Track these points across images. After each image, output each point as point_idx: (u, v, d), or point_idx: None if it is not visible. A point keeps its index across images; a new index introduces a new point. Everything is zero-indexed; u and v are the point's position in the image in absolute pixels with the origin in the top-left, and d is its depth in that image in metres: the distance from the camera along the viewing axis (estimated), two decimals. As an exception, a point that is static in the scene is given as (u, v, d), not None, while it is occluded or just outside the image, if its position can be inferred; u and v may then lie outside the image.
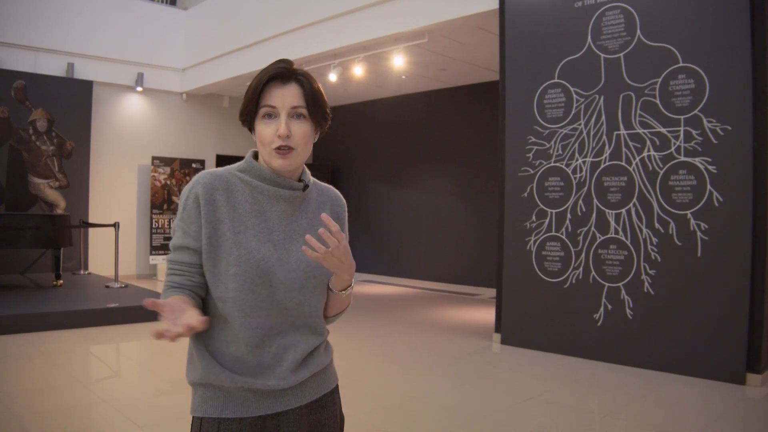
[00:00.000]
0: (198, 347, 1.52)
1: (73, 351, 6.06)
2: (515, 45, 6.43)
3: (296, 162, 1.54)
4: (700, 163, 5.19)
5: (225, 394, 1.50)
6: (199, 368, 1.51)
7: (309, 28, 8.93)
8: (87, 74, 10.74)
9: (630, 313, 5.56)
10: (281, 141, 1.49)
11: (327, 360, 1.65)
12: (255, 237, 1.51)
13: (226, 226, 1.50)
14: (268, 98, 1.50)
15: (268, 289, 1.49)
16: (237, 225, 1.50)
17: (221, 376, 1.48)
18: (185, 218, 1.51)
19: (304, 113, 1.52)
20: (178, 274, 1.51)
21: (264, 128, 1.51)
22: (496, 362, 6.02)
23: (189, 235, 1.51)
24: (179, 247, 1.52)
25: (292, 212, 1.58)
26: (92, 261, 10.85)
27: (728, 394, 4.80)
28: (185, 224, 1.51)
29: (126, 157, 11.43)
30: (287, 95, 1.50)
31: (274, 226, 1.55)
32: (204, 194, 1.50)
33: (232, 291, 1.48)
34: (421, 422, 4.24)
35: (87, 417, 4.26)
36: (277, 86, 1.50)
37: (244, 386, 1.49)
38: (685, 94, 5.26)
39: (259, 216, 1.53)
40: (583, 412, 4.46)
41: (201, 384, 1.52)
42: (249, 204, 1.53)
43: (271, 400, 1.52)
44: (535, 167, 6.24)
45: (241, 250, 1.48)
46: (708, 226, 5.15)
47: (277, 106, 1.50)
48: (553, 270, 6.11)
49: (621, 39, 5.63)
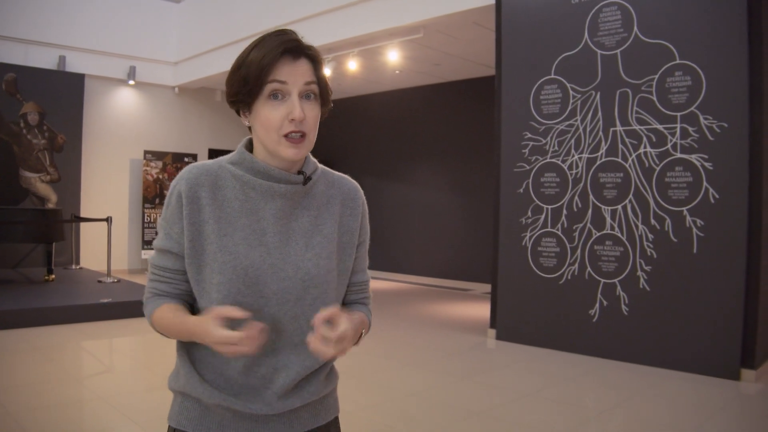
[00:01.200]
0: (180, 352, 1.39)
1: (66, 346, 6.03)
2: (511, 40, 6.42)
3: (307, 150, 1.34)
4: (696, 159, 5.20)
5: (202, 409, 1.36)
6: (181, 376, 1.38)
7: (303, 22, 8.89)
8: (79, 67, 10.67)
9: (625, 309, 5.57)
10: (294, 126, 1.28)
11: (327, 389, 1.46)
12: (244, 240, 1.31)
13: (210, 227, 1.31)
14: (278, 73, 1.27)
15: (258, 300, 1.31)
16: (224, 226, 1.31)
17: (199, 389, 1.34)
18: (168, 218, 1.34)
19: (315, 91, 1.32)
20: (162, 281, 1.36)
21: (270, 110, 1.28)
22: (491, 358, 6.03)
23: (171, 237, 1.33)
24: (161, 251, 1.35)
25: (291, 210, 1.36)
26: (84, 256, 10.80)
27: (723, 389, 4.83)
28: (168, 225, 1.34)
29: (118, 151, 11.37)
30: (299, 71, 1.29)
31: (268, 227, 1.34)
32: (187, 191, 1.31)
33: (215, 302, 1.30)
34: (417, 418, 4.24)
35: (81, 412, 4.23)
36: (288, 61, 1.28)
37: (223, 404, 1.33)
38: (681, 90, 5.27)
39: (250, 215, 1.33)
40: (578, 408, 4.47)
41: (180, 392, 1.39)
42: (239, 202, 1.33)
43: (252, 424, 1.35)
44: (531, 163, 6.24)
45: (226, 255, 1.29)
46: (704, 223, 5.17)
47: (289, 82, 1.28)
48: (549, 266, 6.11)
49: (618, 35, 5.64)
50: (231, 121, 12.68)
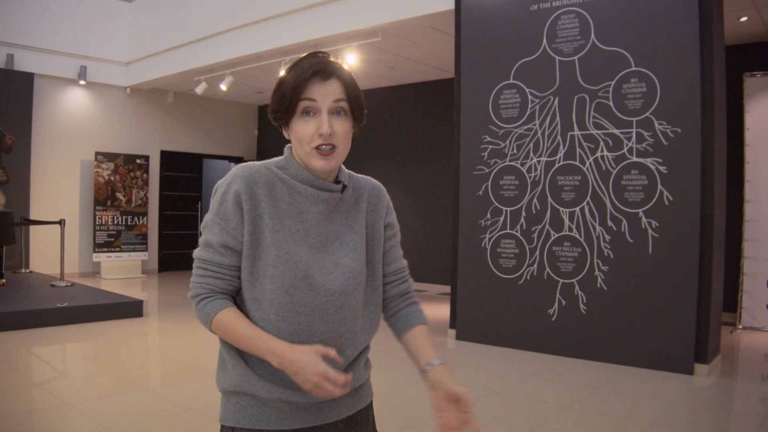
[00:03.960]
0: (231, 353, 1.45)
1: (18, 352, 5.89)
2: (471, 45, 6.54)
3: (337, 162, 1.45)
4: (651, 163, 5.39)
5: (260, 405, 1.43)
6: (234, 375, 1.44)
7: (260, 24, 8.87)
8: (28, 66, 10.40)
9: (584, 308, 5.74)
10: (323, 140, 1.41)
11: (366, 375, 1.59)
12: (292, 237, 1.43)
13: (266, 222, 1.41)
14: (309, 92, 1.41)
15: (308, 293, 1.41)
16: (276, 223, 1.42)
17: (257, 385, 1.41)
18: (223, 214, 1.41)
19: (345, 108, 1.44)
20: (219, 278, 1.43)
21: (303, 126, 1.42)
22: (452, 357, 6.12)
23: (228, 232, 1.41)
24: (218, 245, 1.41)
25: (329, 213, 1.50)
26: (34, 259, 10.53)
27: (678, 383, 5.02)
28: (223, 221, 1.41)
29: (68, 152, 11.12)
30: (329, 91, 1.42)
31: (311, 228, 1.46)
32: (245, 189, 1.40)
33: (269, 293, 1.40)
34: (381, 417, 4.29)
35: (43, 419, 4.16)
36: (318, 81, 1.41)
37: (282, 397, 1.41)
38: (637, 97, 5.46)
39: (296, 216, 1.45)
40: (539, 405, 4.59)
41: (234, 392, 1.45)
42: (286, 203, 1.45)
43: (307, 413, 1.45)
44: (490, 166, 6.36)
45: (279, 250, 1.40)
46: (658, 224, 5.36)
47: (318, 100, 1.41)
48: (508, 266, 6.25)
49: (576, 42, 5.80)
50: (183, 123, 12.54)
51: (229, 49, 9.39)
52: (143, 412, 4.29)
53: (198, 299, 1.44)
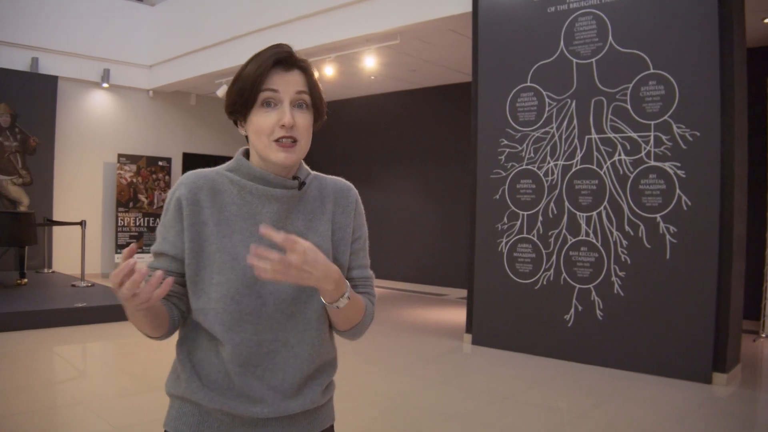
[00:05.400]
0: (182, 357, 1.41)
1: (39, 351, 5.95)
2: (488, 48, 6.48)
3: (298, 156, 1.38)
4: (669, 167, 5.30)
5: (201, 414, 1.38)
6: (182, 380, 1.39)
7: (279, 27, 8.89)
8: (52, 69, 10.53)
9: (600, 314, 5.65)
10: (284, 131, 1.34)
11: (324, 399, 1.48)
12: (242, 242, 1.35)
13: (210, 229, 1.36)
14: (270, 82, 1.34)
15: (255, 300, 1.34)
16: (223, 228, 1.36)
17: (199, 393, 1.36)
18: (166, 223, 1.39)
19: (307, 101, 1.39)
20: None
21: (263, 118, 1.34)
22: (467, 362, 6.08)
23: (167, 240, 1.38)
24: (157, 254, 1.40)
25: (287, 213, 1.41)
26: (56, 259, 10.66)
27: (695, 393, 4.92)
28: (165, 229, 1.39)
29: (91, 154, 11.24)
30: (290, 81, 1.36)
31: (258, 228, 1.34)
32: (187, 195, 1.36)
33: (214, 302, 1.34)
34: (393, 422, 4.26)
35: (55, 418, 4.19)
36: (279, 72, 1.35)
37: (223, 409, 1.35)
38: (655, 99, 5.37)
39: (248, 219, 1.38)
40: (554, 412, 4.53)
41: (178, 397, 1.40)
42: (237, 206, 1.38)
43: (250, 429, 1.37)
44: (507, 170, 6.30)
45: (225, 256, 1.34)
46: (676, 230, 5.27)
47: (280, 90, 1.35)
48: (525, 271, 6.18)
49: (593, 44, 5.73)
50: (205, 125, 12.60)
51: (250, 51, 9.19)
52: (157, 412, 4.30)
53: None
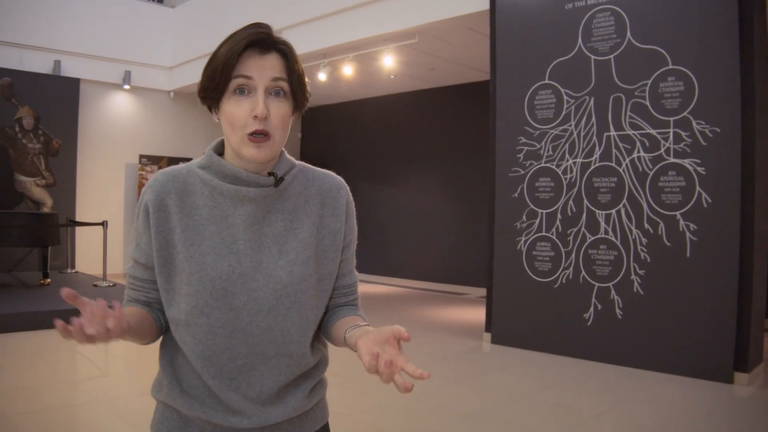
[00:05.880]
0: (163, 363, 1.34)
1: (61, 350, 6.03)
2: (506, 46, 6.45)
3: (272, 152, 1.24)
4: (689, 164, 5.24)
5: (182, 420, 1.31)
6: (164, 385, 1.33)
7: (298, 27, 8.92)
8: (74, 72, 10.66)
9: (620, 313, 5.60)
10: (257, 124, 1.19)
11: (311, 403, 1.37)
12: (212, 249, 1.24)
13: (178, 236, 1.25)
14: (243, 67, 1.20)
15: (227, 313, 1.24)
16: (191, 235, 1.25)
17: (179, 400, 1.29)
18: (137, 228, 1.30)
19: (284, 89, 1.23)
20: (133, 289, 1.33)
21: (234, 107, 1.21)
22: (486, 361, 6.05)
23: (140, 247, 1.29)
24: (133, 259, 1.32)
25: (263, 215, 1.28)
26: (79, 259, 10.79)
27: (716, 392, 4.86)
28: (138, 235, 1.30)
29: (113, 156, 11.37)
30: (266, 66, 1.21)
31: (239, 234, 1.26)
32: (154, 200, 1.25)
33: (184, 313, 1.25)
34: (412, 421, 4.26)
35: (77, 416, 4.24)
36: (255, 55, 1.21)
37: (203, 417, 1.27)
38: (674, 96, 5.31)
39: (219, 222, 1.26)
40: (573, 412, 4.49)
41: (161, 401, 1.35)
42: (208, 208, 1.26)
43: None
44: (526, 168, 6.27)
45: (193, 266, 1.23)
46: (697, 227, 5.21)
47: (254, 77, 1.20)
48: (544, 270, 6.14)
49: (611, 41, 5.68)
50: (226, 126, 12.65)
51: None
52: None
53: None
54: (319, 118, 13.30)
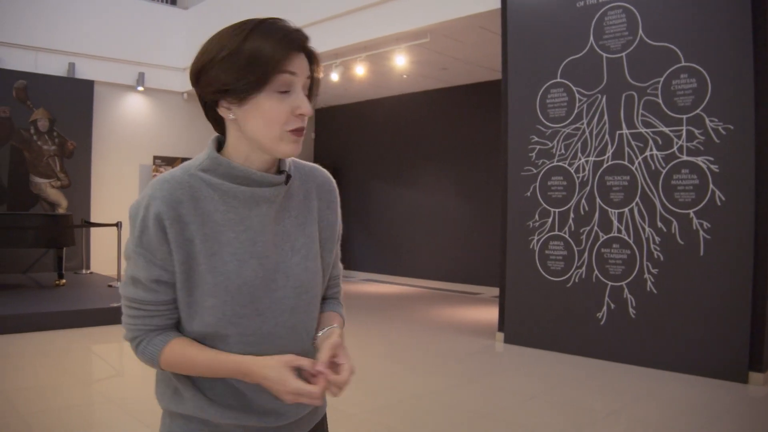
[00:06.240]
0: (179, 376, 1.27)
1: (76, 350, 6.07)
2: (517, 44, 6.43)
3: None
4: (702, 162, 5.20)
5: (212, 429, 1.27)
6: (186, 398, 1.27)
7: (310, 27, 8.92)
8: (88, 74, 10.75)
9: (633, 312, 5.57)
10: (301, 121, 1.19)
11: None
12: (233, 256, 1.21)
13: (197, 247, 1.19)
14: (291, 64, 1.16)
15: (255, 319, 1.22)
16: (211, 244, 1.20)
17: (209, 410, 1.25)
18: (147, 244, 1.18)
19: (307, 88, 1.23)
20: (155, 315, 1.22)
21: (277, 103, 1.16)
22: (499, 361, 6.03)
23: (156, 265, 1.18)
24: (148, 281, 1.19)
25: (276, 213, 1.27)
26: (94, 260, 10.86)
27: (731, 392, 4.82)
28: (148, 252, 1.18)
29: (127, 157, 11.44)
30: (304, 65, 1.20)
31: (257, 236, 1.23)
32: (167, 211, 1.17)
33: (210, 326, 1.21)
34: (424, 420, 4.25)
35: (91, 415, 4.27)
36: (297, 52, 1.19)
37: (235, 423, 1.26)
38: (687, 93, 5.27)
39: (235, 227, 1.22)
40: (586, 411, 4.47)
41: (182, 415, 1.29)
42: (221, 213, 1.21)
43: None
44: (538, 167, 6.25)
45: (217, 276, 1.19)
46: (710, 225, 5.17)
47: (298, 74, 1.18)
48: (556, 269, 6.12)
49: (623, 38, 5.64)
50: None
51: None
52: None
53: (136, 342, 1.24)
54: (331, 118, 13.32)
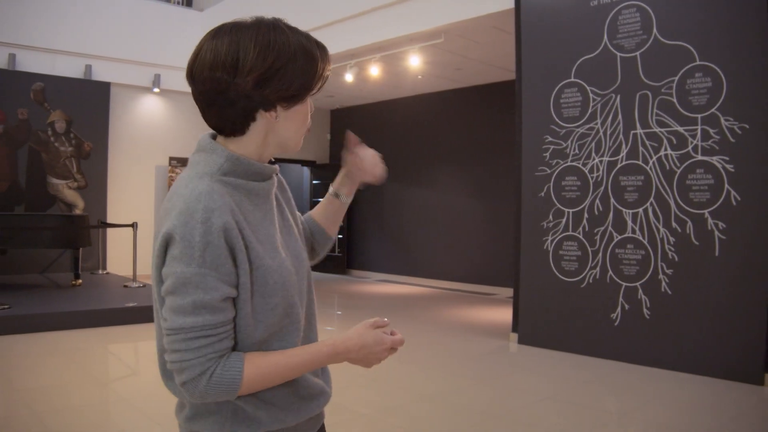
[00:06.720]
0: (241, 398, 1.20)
1: (93, 350, 6.12)
2: (531, 44, 6.42)
3: None
4: (717, 162, 5.16)
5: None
6: (260, 418, 1.21)
7: (326, 28, 8.95)
8: (104, 76, 10.84)
9: (647, 313, 5.54)
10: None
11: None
12: (276, 251, 1.22)
13: (255, 250, 1.17)
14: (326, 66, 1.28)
15: (296, 309, 1.24)
16: (262, 244, 1.20)
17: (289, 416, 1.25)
18: (211, 261, 1.10)
19: None
20: (226, 337, 1.14)
21: (305, 107, 1.27)
22: (513, 362, 6.02)
23: (224, 281, 1.12)
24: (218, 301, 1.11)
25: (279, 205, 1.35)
26: (110, 261, 10.94)
27: (746, 394, 4.77)
28: (214, 270, 1.10)
29: (143, 158, 11.52)
30: None
31: (275, 230, 1.26)
32: (232, 222, 1.13)
33: (275, 326, 1.20)
34: (437, 421, 4.25)
35: (106, 414, 4.30)
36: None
37: (309, 415, 1.30)
38: (702, 92, 5.23)
39: (265, 222, 1.24)
40: (599, 412, 4.45)
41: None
42: (251, 212, 1.21)
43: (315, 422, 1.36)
44: (552, 167, 6.23)
45: (275, 275, 1.19)
46: (725, 226, 5.12)
47: None
48: (570, 269, 6.09)
49: (637, 37, 5.61)
50: (254, 128, 12.75)
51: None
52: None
53: (208, 375, 1.12)
54: (346, 119, 13.34)
